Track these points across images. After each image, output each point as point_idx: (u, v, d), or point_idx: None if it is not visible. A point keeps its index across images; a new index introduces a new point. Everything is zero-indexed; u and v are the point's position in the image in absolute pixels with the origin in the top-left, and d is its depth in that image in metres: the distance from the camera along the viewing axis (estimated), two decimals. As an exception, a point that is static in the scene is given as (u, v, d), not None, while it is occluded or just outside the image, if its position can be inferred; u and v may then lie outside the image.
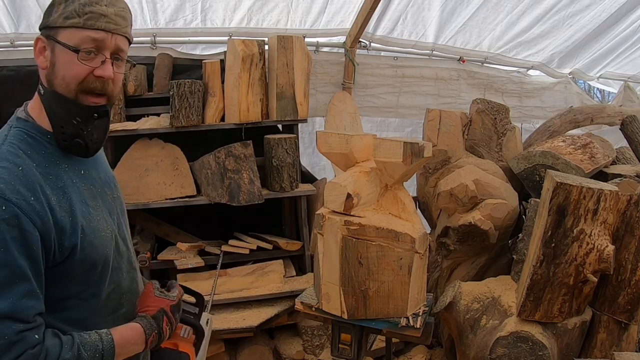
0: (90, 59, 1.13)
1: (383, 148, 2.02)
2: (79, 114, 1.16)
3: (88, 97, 1.15)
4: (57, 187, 1.14)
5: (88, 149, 1.20)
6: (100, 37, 1.13)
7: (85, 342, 1.11)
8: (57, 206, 1.11)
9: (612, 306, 2.28)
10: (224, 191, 3.11)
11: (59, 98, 1.14)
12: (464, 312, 2.52)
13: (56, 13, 1.13)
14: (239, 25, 3.52)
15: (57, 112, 1.15)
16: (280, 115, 3.27)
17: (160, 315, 1.26)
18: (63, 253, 1.11)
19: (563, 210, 2.12)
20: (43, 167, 1.13)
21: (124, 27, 1.18)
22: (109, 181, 1.34)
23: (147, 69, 3.31)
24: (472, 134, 3.22)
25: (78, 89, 1.14)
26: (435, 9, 3.75)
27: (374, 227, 1.97)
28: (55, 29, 1.13)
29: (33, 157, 1.13)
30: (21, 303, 1.02)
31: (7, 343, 1.00)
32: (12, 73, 3.13)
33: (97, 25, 1.12)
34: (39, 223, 1.06)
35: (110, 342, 1.14)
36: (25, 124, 1.17)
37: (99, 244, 1.19)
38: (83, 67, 1.13)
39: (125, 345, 1.17)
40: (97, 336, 1.13)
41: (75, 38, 1.12)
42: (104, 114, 1.20)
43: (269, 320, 3.02)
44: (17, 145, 1.12)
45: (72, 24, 1.11)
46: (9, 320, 1.01)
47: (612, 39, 4.40)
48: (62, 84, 1.13)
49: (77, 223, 1.14)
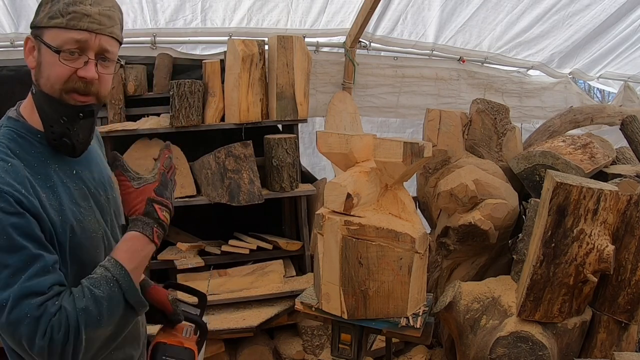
0: (72, 60, 1.11)
1: (383, 148, 2.02)
2: (65, 114, 1.15)
3: (73, 96, 1.14)
4: (47, 186, 1.13)
5: (75, 149, 1.19)
6: (83, 38, 1.11)
7: (94, 280, 1.08)
8: (47, 204, 1.11)
9: (612, 306, 2.28)
10: (224, 191, 3.11)
11: (47, 98, 1.14)
12: (464, 312, 2.52)
13: (42, 12, 1.12)
14: (239, 25, 3.52)
15: (47, 111, 1.15)
16: (280, 115, 3.27)
17: (150, 207, 1.19)
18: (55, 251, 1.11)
19: (563, 210, 2.12)
20: (32, 166, 1.13)
21: (110, 26, 1.15)
22: (104, 182, 1.33)
23: (147, 69, 3.30)
24: (472, 134, 3.22)
25: (62, 89, 1.13)
26: (435, 9, 3.75)
27: (374, 227, 1.97)
28: (41, 28, 1.12)
29: (22, 156, 1.12)
30: (36, 281, 1.02)
31: (33, 320, 1.00)
32: (12, 73, 3.14)
33: (79, 26, 1.10)
34: (33, 211, 1.06)
35: (116, 264, 1.11)
36: (16, 124, 1.17)
37: (89, 244, 1.18)
38: (65, 67, 1.11)
39: (133, 257, 1.14)
40: (101, 269, 1.11)
41: (59, 39, 1.10)
42: (89, 114, 1.18)
43: (269, 320, 3.02)
44: (6, 145, 1.12)
45: (55, 24, 1.10)
46: (28, 298, 1.01)
47: (612, 39, 4.40)
48: (47, 84, 1.13)
49: (66, 222, 1.13)
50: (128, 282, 1.10)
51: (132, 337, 1.35)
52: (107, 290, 1.07)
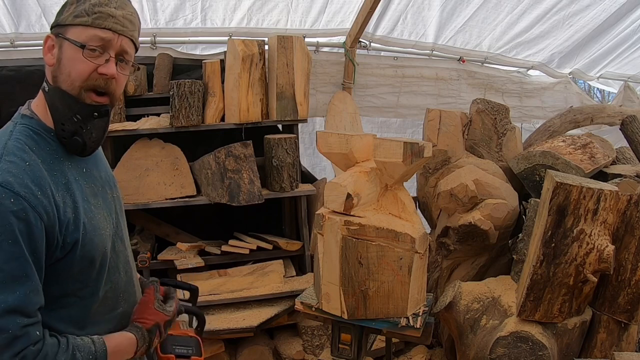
0: (95, 57, 1.15)
1: (383, 148, 2.02)
2: (80, 112, 1.17)
3: (91, 95, 1.17)
4: (62, 183, 1.15)
5: (85, 147, 1.21)
6: (106, 37, 1.16)
7: (79, 345, 1.12)
8: (62, 202, 1.12)
9: (612, 306, 2.28)
10: (224, 191, 3.11)
11: (62, 94, 1.16)
12: (464, 312, 2.52)
13: (67, 12, 1.16)
14: (239, 25, 3.52)
15: (59, 108, 1.17)
16: (280, 115, 3.27)
17: (155, 329, 1.29)
18: (65, 248, 1.12)
19: (563, 210, 2.12)
20: (48, 163, 1.15)
21: (131, 30, 1.21)
22: (109, 180, 1.36)
23: (147, 69, 3.31)
24: (472, 134, 3.22)
25: (82, 86, 1.16)
26: (435, 9, 3.75)
27: (374, 227, 1.97)
28: (65, 26, 1.16)
29: (38, 153, 1.14)
30: (28, 298, 1.04)
31: (12, 337, 1.01)
32: (12, 73, 3.13)
33: (104, 25, 1.15)
34: (45, 217, 1.07)
35: (102, 345, 1.16)
36: (30, 121, 1.18)
37: (98, 241, 1.20)
38: (88, 63, 1.15)
39: (118, 352, 1.20)
40: (89, 340, 1.15)
41: (83, 35, 1.14)
42: (104, 114, 1.21)
43: (269, 320, 3.02)
44: (24, 141, 1.13)
45: (80, 22, 1.14)
46: (15, 314, 1.02)
47: (612, 39, 4.40)
48: (67, 80, 1.15)
49: (79, 219, 1.15)
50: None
51: None
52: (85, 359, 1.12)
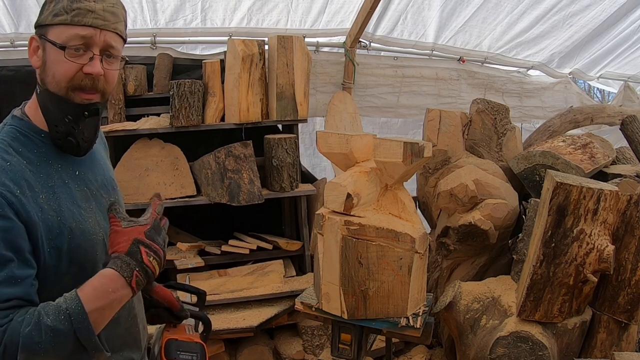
0: (78, 56, 1.12)
1: (383, 148, 2.02)
2: (70, 112, 1.15)
3: (79, 94, 1.14)
4: (47, 185, 1.13)
5: (80, 148, 1.19)
6: (87, 34, 1.12)
7: (48, 308, 1.01)
8: (46, 204, 1.10)
9: (612, 306, 2.28)
10: (224, 191, 3.11)
11: (52, 96, 1.14)
12: (464, 312, 2.52)
13: (47, 11, 1.13)
14: (239, 25, 3.52)
15: (50, 110, 1.15)
16: (280, 115, 3.27)
17: (135, 247, 1.07)
18: (52, 254, 1.10)
19: (563, 210, 2.12)
20: (34, 164, 1.13)
21: (114, 22, 1.15)
22: (107, 184, 1.32)
23: (147, 69, 3.30)
24: (472, 134, 3.22)
25: (68, 87, 1.13)
26: (435, 9, 3.75)
27: (374, 227, 1.97)
28: (46, 27, 1.13)
29: (24, 154, 1.12)
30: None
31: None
32: (12, 73, 3.13)
33: (84, 22, 1.11)
34: (24, 216, 1.04)
35: (74, 299, 1.00)
36: (20, 122, 1.17)
37: (88, 246, 1.17)
38: (71, 64, 1.11)
39: (101, 297, 1.02)
40: (61, 298, 1.02)
41: (63, 35, 1.11)
42: (94, 112, 1.18)
43: (269, 320, 3.02)
44: (8, 142, 1.12)
45: (60, 21, 1.11)
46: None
47: (612, 39, 4.40)
48: (52, 82, 1.13)
49: (64, 224, 1.12)
50: (82, 320, 0.99)
51: (132, 340, 1.34)
52: (55, 322, 0.98)
